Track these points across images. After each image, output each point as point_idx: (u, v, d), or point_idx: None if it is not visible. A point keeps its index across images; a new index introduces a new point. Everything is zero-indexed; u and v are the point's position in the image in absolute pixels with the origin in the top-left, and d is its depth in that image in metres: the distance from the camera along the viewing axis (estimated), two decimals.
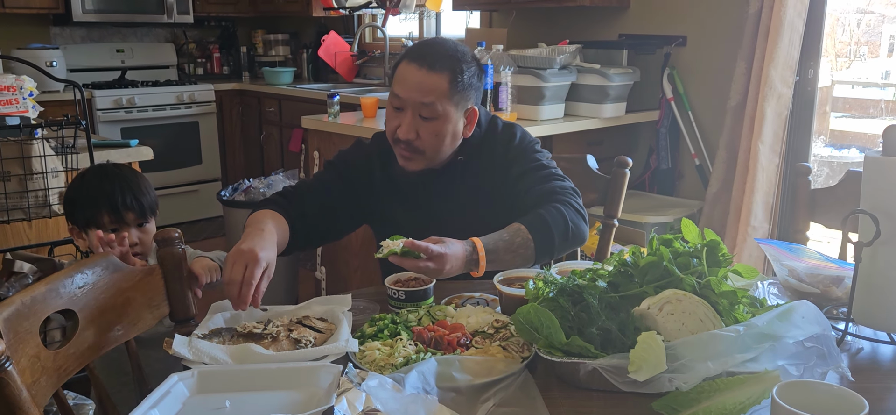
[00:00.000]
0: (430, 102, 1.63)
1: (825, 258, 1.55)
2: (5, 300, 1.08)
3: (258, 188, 3.49)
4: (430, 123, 1.65)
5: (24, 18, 4.90)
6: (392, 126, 1.68)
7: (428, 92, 1.62)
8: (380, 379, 1.07)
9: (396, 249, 1.37)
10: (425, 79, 1.62)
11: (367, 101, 3.37)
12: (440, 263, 1.39)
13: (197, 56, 5.84)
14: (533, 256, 1.54)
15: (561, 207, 1.59)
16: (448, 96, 1.63)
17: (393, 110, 1.68)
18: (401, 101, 1.65)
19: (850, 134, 3.66)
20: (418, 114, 1.64)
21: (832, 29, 3.39)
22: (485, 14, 4.38)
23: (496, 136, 1.78)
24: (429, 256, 1.38)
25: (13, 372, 0.93)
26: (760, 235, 3.10)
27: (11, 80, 2.17)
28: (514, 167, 1.73)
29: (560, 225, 1.55)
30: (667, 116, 3.53)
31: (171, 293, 1.38)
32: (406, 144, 1.66)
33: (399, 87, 1.65)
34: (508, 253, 1.50)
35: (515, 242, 1.51)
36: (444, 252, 1.39)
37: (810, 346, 1.09)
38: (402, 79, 1.65)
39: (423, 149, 1.67)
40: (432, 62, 1.63)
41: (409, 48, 1.72)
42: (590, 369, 1.11)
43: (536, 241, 1.53)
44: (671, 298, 1.14)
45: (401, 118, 1.66)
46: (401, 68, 1.67)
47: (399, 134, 1.66)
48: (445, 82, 1.63)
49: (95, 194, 1.70)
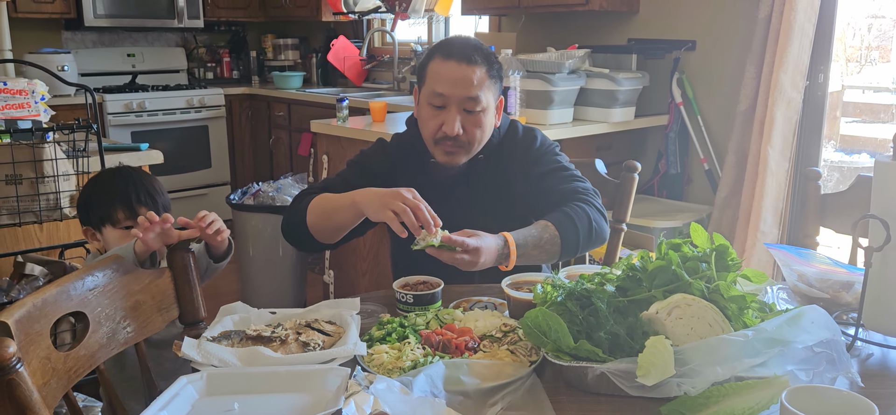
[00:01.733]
0: (475, 95, 1.66)
1: (835, 263, 1.54)
2: (17, 302, 1.09)
3: (267, 192, 3.51)
4: (474, 116, 1.68)
5: (36, 23, 4.94)
6: (434, 124, 1.69)
7: (472, 85, 1.65)
8: (388, 382, 1.07)
9: (434, 241, 1.43)
10: (467, 72, 1.65)
11: (376, 106, 3.38)
12: (475, 257, 1.45)
13: (207, 60, 5.87)
14: (558, 253, 1.60)
15: (585, 206, 1.65)
16: (488, 87, 1.68)
17: (433, 109, 1.69)
18: (444, 99, 1.67)
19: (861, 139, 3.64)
20: (462, 108, 1.67)
21: (843, 33, 3.37)
22: (494, 18, 4.38)
23: (517, 138, 1.82)
24: (464, 249, 1.44)
25: (24, 374, 0.94)
26: (770, 239, 3.09)
27: (24, 83, 2.19)
28: (535, 168, 1.77)
29: (584, 223, 1.62)
30: (676, 121, 3.52)
31: (181, 296, 1.39)
32: (453, 139, 1.68)
33: (441, 85, 1.67)
34: (536, 248, 1.57)
35: (543, 238, 1.58)
36: (480, 246, 1.46)
37: (820, 351, 1.09)
38: (442, 76, 1.67)
39: (468, 141, 1.70)
40: (469, 56, 1.66)
41: (437, 47, 1.72)
42: (598, 374, 1.11)
43: (563, 238, 1.59)
44: (680, 302, 1.14)
45: (443, 115, 1.68)
46: (436, 67, 1.69)
47: (446, 131, 1.68)
48: (484, 73, 1.67)
49: (109, 192, 1.73)
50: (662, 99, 3.55)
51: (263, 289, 3.49)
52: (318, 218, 1.66)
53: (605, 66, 3.34)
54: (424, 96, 1.72)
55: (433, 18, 4.98)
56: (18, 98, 2.18)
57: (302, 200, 1.72)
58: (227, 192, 5.18)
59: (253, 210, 3.43)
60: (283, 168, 5.03)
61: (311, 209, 1.67)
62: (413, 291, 1.49)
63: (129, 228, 1.71)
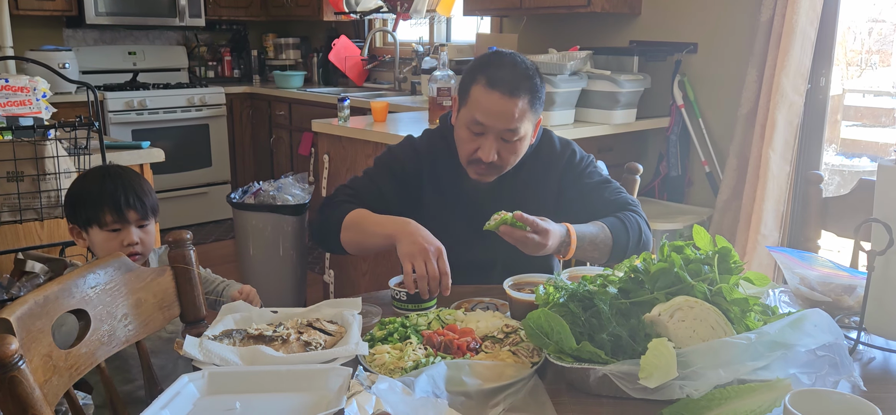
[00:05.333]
0: (515, 128, 1.65)
1: (837, 267, 1.54)
2: (18, 299, 1.09)
3: (268, 191, 3.50)
4: (511, 144, 1.68)
5: (37, 20, 4.94)
6: (470, 149, 1.69)
7: (513, 119, 1.63)
8: (390, 382, 1.07)
9: (508, 218, 1.48)
10: (509, 106, 1.62)
11: (378, 106, 3.38)
12: (545, 238, 1.51)
13: (208, 59, 5.87)
14: (608, 255, 1.65)
15: (636, 216, 1.71)
16: (529, 118, 1.67)
17: (471, 134, 1.68)
18: (483, 128, 1.65)
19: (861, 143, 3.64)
20: (500, 137, 1.66)
21: (843, 37, 3.37)
22: (495, 19, 4.38)
23: (555, 150, 1.83)
24: (534, 229, 1.49)
25: (26, 371, 0.94)
26: (771, 243, 3.09)
27: (25, 81, 2.19)
28: (581, 182, 1.80)
29: (635, 232, 1.68)
30: (677, 123, 3.52)
31: (182, 294, 1.39)
32: (488, 165, 1.68)
33: (481, 114, 1.64)
34: (592, 246, 1.62)
35: (599, 238, 1.63)
36: (549, 229, 1.51)
37: (822, 354, 1.09)
38: (483, 106, 1.64)
39: (502, 166, 1.71)
40: (513, 88, 1.62)
41: (482, 69, 1.66)
42: (600, 375, 1.11)
43: (615, 241, 1.65)
44: (682, 304, 1.14)
45: (480, 142, 1.67)
46: (479, 94, 1.64)
47: (481, 156, 1.67)
48: (527, 105, 1.65)
49: (98, 193, 1.70)
50: (664, 101, 3.55)
51: (264, 288, 3.47)
52: (352, 235, 1.68)
53: (606, 67, 3.33)
54: (463, 118, 1.69)
55: (435, 19, 4.98)
56: (20, 95, 2.18)
57: (335, 209, 1.72)
58: (227, 191, 5.18)
59: (253, 209, 3.43)
60: (284, 167, 5.03)
61: (347, 226, 1.68)
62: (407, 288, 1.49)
63: (116, 232, 1.70)
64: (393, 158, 1.83)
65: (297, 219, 3.44)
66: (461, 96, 1.71)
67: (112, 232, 1.70)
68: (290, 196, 3.47)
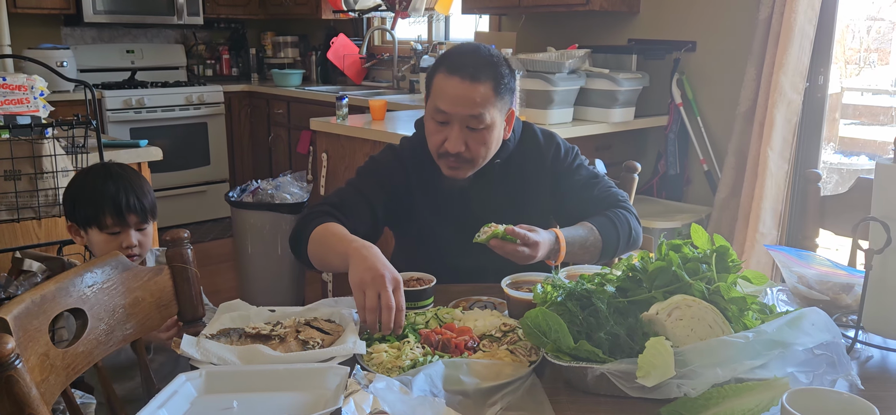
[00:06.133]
0: (479, 114, 1.61)
1: (835, 265, 1.54)
2: (15, 298, 1.09)
3: (266, 190, 3.50)
4: (478, 133, 1.64)
5: (35, 19, 4.93)
6: (437, 140, 1.65)
7: (475, 104, 1.60)
8: (387, 381, 1.07)
9: (499, 231, 1.47)
10: (470, 91, 1.59)
11: (376, 104, 3.38)
12: (534, 250, 1.49)
13: (206, 57, 5.86)
14: (599, 256, 1.64)
15: (626, 213, 1.70)
16: (494, 104, 1.62)
17: (436, 125, 1.65)
18: (446, 116, 1.62)
19: (860, 141, 3.64)
20: (465, 126, 1.62)
21: (842, 36, 3.38)
22: (494, 18, 4.38)
23: (538, 144, 1.80)
24: (524, 242, 1.48)
25: (23, 370, 0.93)
26: (769, 241, 3.09)
27: (23, 79, 2.18)
28: (569, 178, 1.78)
29: (625, 230, 1.67)
30: (676, 122, 3.52)
31: (180, 293, 1.39)
32: (455, 156, 1.65)
33: (443, 102, 1.61)
34: (581, 249, 1.61)
35: (589, 241, 1.63)
36: (539, 240, 1.50)
37: (820, 353, 1.09)
38: (445, 93, 1.61)
39: (471, 158, 1.67)
40: (474, 72, 1.59)
41: (444, 59, 1.65)
42: (598, 374, 1.11)
43: (605, 242, 1.64)
44: (680, 303, 1.14)
45: (446, 132, 1.63)
46: (440, 82, 1.62)
47: (448, 148, 1.63)
48: (490, 91, 1.60)
49: (99, 195, 1.69)
50: (662, 100, 3.54)
51: (262, 287, 3.49)
52: (316, 249, 1.57)
53: (605, 66, 3.33)
54: (428, 110, 1.67)
55: (433, 17, 4.97)
56: (17, 93, 2.17)
57: (310, 220, 1.61)
58: (225, 189, 5.18)
59: (252, 208, 3.42)
60: (283, 166, 5.03)
61: (313, 239, 1.57)
62: (404, 288, 1.48)
63: (115, 235, 1.70)
64: (376, 167, 1.77)
65: (296, 218, 3.44)
66: (427, 89, 1.69)
67: (111, 235, 1.69)
68: (289, 195, 3.47)
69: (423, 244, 1.77)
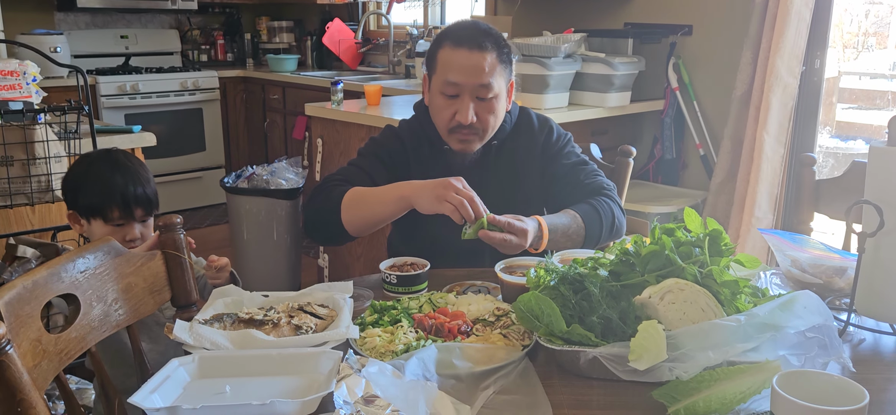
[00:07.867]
0: (488, 82, 1.65)
1: (829, 249, 1.54)
2: (7, 284, 1.08)
3: (261, 175, 3.49)
4: (487, 103, 1.68)
5: (28, 3, 4.90)
6: (447, 115, 1.68)
7: (484, 72, 1.64)
8: (380, 366, 1.07)
9: (483, 221, 1.47)
10: (479, 60, 1.64)
11: (371, 89, 3.36)
12: (522, 238, 1.49)
13: (201, 43, 5.83)
14: (581, 243, 1.65)
15: (610, 201, 1.70)
16: (500, 73, 1.67)
17: (446, 99, 1.68)
18: (457, 88, 1.66)
19: (857, 125, 3.64)
20: (475, 96, 1.66)
21: (840, 19, 3.37)
22: (490, 1, 4.36)
23: (532, 127, 1.82)
24: (510, 230, 1.48)
25: (14, 355, 0.93)
26: (765, 225, 3.09)
27: (15, 64, 2.17)
28: (558, 162, 1.79)
29: (608, 219, 1.67)
30: (672, 106, 3.51)
31: (173, 279, 1.38)
32: (468, 128, 1.68)
33: (454, 73, 1.65)
34: (564, 236, 1.61)
35: (571, 228, 1.63)
36: (525, 228, 1.50)
37: (812, 336, 1.09)
38: (454, 65, 1.65)
39: (482, 128, 1.70)
40: (479, 42, 1.64)
41: (445, 34, 1.70)
42: (590, 358, 1.11)
43: (588, 230, 1.64)
44: (673, 287, 1.14)
45: (456, 105, 1.67)
46: (447, 55, 1.66)
47: (459, 119, 1.67)
48: (495, 59, 1.66)
49: (106, 187, 1.66)
50: (658, 84, 3.54)
51: (258, 272, 3.49)
52: (356, 212, 1.62)
53: (601, 50, 3.32)
54: (436, 85, 1.69)
55: (429, 1, 4.95)
56: (10, 79, 2.16)
57: (329, 192, 1.66)
58: (221, 175, 5.16)
59: (247, 193, 3.42)
60: (278, 151, 5.02)
61: (347, 205, 1.62)
62: (398, 272, 1.49)
63: (119, 227, 1.68)
64: (377, 146, 1.80)
65: (291, 203, 3.44)
66: (429, 67, 1.72)
67: (116, 227, 1.68)
68: (284, 180, 3.46)
69: (419, 226, 1.78)
